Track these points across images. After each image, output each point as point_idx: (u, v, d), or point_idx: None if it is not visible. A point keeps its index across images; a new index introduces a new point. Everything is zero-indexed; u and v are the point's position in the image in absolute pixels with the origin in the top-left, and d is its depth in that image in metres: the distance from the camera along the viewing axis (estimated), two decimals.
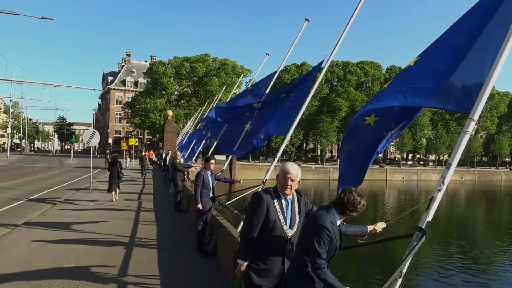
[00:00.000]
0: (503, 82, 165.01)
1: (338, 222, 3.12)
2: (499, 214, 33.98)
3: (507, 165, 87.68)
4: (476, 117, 3.41)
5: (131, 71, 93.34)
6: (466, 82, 3.59)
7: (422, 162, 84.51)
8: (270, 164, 7.90)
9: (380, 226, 3.73)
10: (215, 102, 35.31)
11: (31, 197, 16.90)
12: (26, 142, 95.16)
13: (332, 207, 3.18)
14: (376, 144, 4.43)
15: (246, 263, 3.50)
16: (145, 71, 76.78)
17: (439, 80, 3.77)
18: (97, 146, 66.38)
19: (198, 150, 22.91)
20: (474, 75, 3.54)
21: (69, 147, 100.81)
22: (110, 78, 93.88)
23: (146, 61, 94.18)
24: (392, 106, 4.15)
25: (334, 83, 73.59)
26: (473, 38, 3.69)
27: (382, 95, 4.31)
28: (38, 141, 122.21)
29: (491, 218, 30.66)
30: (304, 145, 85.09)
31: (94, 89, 46.47)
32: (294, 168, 3.48)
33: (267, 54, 14.58)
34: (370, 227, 3.71)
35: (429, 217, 3.30)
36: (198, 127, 21.63)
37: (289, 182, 3.46)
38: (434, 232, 19.14)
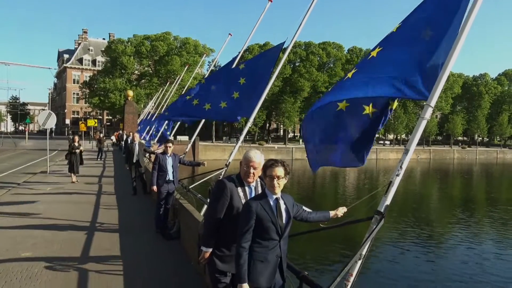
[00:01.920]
0: (457, 64, 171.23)
1: (273, 198, 3.17)
2: (452, 191, 35.77)
3: (460, 144, 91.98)
4: (433, 103, 3.53)
5: (89, 49, 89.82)
6: (423, 71, 3.70)
7: (381, 142, 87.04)
8: (234, 144, 7.90)
9: (341, 210, 3.82)
10: (177, 82, 34.74)
11: None
12: None
13: (264, 187, 3.30)
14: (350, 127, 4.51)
15: (210, 250, 3.51)
16: (103, 49, 74.03)
17: (398, 69, 3.88)
18: (54, 127, 64.06)
19: (160, 132, 22.53)
20: (431, 63, 3.65)
21: (23, 128, 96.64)
22: (66, 56, 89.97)
23: (104, 39, 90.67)
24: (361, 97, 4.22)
25: (297, 64, 73.90)
26: (429, 27, 3.81)
27: (348, 85, 4.35)
28: None
29: (444, 195, 32.23)
30: (267, 125, 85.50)
31: (49, 68, 44.66)
32: (256, 156, 3.46)
33: (229, 34, 14.58)
34: (332, 213, 3.79)
35: (388, 201, 3.43)
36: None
37: (252, 170, 3.46)
38: (391, 210, 19.87)
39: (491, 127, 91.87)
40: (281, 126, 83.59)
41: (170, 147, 8.66)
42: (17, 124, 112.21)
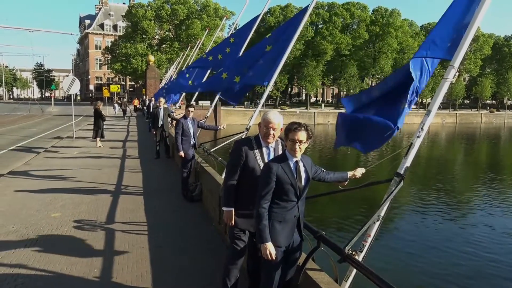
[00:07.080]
0: (488, 23, 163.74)
1: (293, 161, 3.20)
2: (476, 155, 35.01)
3: (488, 107, 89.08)
4: (457, 64, 3.41)
5: (109, 14, 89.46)
6: (449, 29, 3.56)
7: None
8: (255, 109, 7.89)
9: (359, 171, 3.80)
10: (197, 46, 34.42)
11: (13, 147, 16.72)
12: (4, 90, 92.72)
13: (285, 149, 3.32)
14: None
15: (231, 209, 3.60)
16: (123, 14, 73.58)
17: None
18: (78, 93, 65.01)
19: (182, 95, 22.51)
20: (458, 23, 3.51)
21: (49, 94, 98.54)
22: (87, 21, 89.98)
23: (124, 3, 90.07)
24: None
25: (319, 26, 72.00)
26: None
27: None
28: (17, 88, 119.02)
29: (468, 160, 31.61)
30: (289, 89, 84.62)
31: (71, 34, 44.82)
32: (275, 118, 3.46)
33: None
34: (350, 173, 3.78)
35: (408, 163, 3.39)
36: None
37: (271, 132, 3.47)
38: (412, 174, 19.65)
39: None
40: (303, 90, 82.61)
41: (192, 111, 8.69)
42: (43, 91, 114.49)
